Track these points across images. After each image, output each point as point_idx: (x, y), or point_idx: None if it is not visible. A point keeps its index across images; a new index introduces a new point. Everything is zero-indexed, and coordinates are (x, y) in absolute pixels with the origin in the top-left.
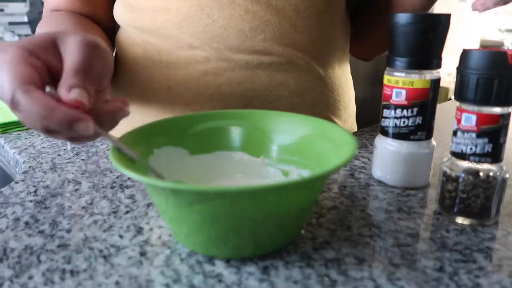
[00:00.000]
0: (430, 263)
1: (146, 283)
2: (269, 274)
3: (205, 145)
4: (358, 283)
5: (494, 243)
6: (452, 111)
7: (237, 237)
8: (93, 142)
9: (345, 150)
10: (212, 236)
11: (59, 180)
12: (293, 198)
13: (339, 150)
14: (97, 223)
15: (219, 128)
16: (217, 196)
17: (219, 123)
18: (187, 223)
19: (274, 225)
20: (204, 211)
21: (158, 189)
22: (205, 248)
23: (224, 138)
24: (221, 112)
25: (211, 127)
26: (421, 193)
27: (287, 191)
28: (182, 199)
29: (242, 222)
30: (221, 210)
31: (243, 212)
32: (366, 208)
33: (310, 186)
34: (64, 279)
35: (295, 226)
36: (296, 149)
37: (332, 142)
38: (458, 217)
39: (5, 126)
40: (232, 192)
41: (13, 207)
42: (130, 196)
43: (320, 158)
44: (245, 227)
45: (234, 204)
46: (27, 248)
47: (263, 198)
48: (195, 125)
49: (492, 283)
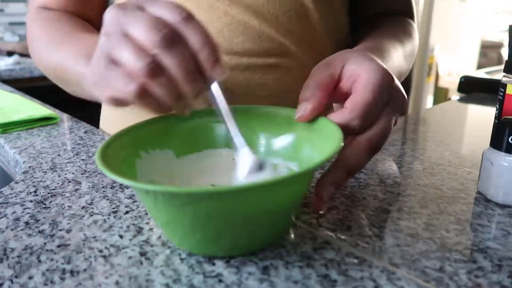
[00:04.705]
0: (430, 263)
1: (146, 283)
2: (269, 274)
3: (192, 144)
4: (358, 283)
5: (494, 243)
6: (452, 111)
7: (231, 234)
8: (93, 142)
9: (332, 142)
10: (206, 235)
11: (59, 180)
12: (283, 193)
13: (326, 142)
14: (97, 223)
15: (204, 126)
16: (208, 197)
17: (203, 121)
18: (180, 225)
19: (266, 219)
20: (196, 212)
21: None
22: (200, 248)
23: (210, 135)
24: (205, 109)
25: (196, 125)
26: (421, 193)
27: (278, 187)
28: (173, 201)
29: (234, 219)
30: (213, 210)
31: (235, 210)
32: (366, 208)
33: (299, 180)
34: (64, 279)
35: (286, 218)
36: (283, 143)
37: (318, 134)
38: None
39: (5, 126)
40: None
41: (13, 207)
42: (130, 196)
43: (307, 150)
44: (237, 224)
45: (226, 203)
46: (27, 248)
47: (253, 196)
48: (179, 124)
49: (492, 283)
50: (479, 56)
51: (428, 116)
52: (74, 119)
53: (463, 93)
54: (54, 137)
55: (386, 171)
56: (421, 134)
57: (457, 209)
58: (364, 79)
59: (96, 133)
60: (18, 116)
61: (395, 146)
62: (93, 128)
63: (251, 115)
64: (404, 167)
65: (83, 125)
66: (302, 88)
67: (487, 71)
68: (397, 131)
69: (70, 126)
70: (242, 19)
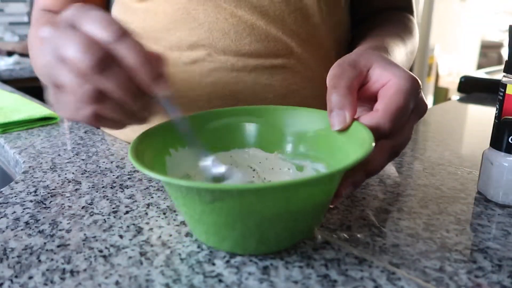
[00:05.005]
0: (430, 263)
1: (146, 283)
2: (269, 274)
3: (220, 143)
4: (358, 283)
5: (494, 243)
6: (452, 111)
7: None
8: (93, 142)
9: (361, 143)
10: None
11: (59, 180)
12: (312, 193)
13: (353, 144)
14: (97, 223)
15: (233, 125)
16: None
17: (232, 120)
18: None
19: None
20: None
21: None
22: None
23: (238, 135)
24: (233, 109)
25: (225, 125)
26: (421, 193)
27: (306, 187)
28: (204, 197)
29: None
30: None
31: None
32: (366, 208)
33: (327, 181)
34: (64, 279)
35: (311, 221)
36: (310, 143)
37: (348, 135)
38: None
39: (5, 126)
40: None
41: (13, 207)
42: (130, 196)
43: (335, 152)
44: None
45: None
46: (27, 248)
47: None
48: (208, 123)
49: (492, 283)
50: (479, 56)
51: (428, 116)
52: None
53: (463, 93)
54: (54, 137)
55: (386, 171)
56: (421, 134)
57: (457, 209)
58: (395, 85)
59: (96, 133)
60: (18, 116)
61: None
62: (93, 128)
63: (278, 115)
64: (404, 167)
65: (83, 125)
66: (330, 90)
67: (487, 71)
68: None
69: (70, 126)
70: (248, 20)
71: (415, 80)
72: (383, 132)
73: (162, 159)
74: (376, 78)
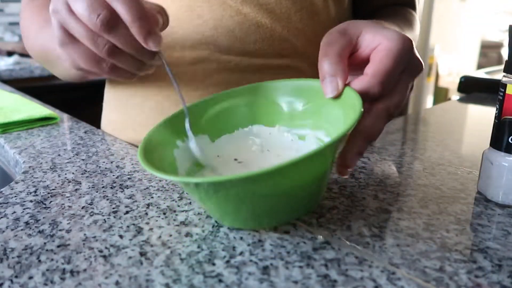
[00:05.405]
0: (430, 263)
1: (146, 283)
2: (269, 274)
3: (223, 126)
4: (358, 283)
5: (494, 243)
6: (452, 111)
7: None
8: (93, 142)
9: (353, 109)
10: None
11: (59, 180)
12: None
13: (346, 109)
14: (97, 223)
15: (230, 107)
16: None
17: (229, 103)
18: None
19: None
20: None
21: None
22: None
23: (238, 115)
24: (226, 92)
25: (223, 109)
26: (421, 193)
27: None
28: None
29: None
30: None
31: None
32: (366, 208)
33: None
34: (64, 279)
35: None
36: (306, 113)
37: (339, 102)
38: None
39: (5, 126)
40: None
41: (13, 207)
42: (130, 196)
43: (331, 119)
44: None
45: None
46: (27, 248)
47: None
48: (208, 110)
49: (492, 283)
50: (479, 56)
51: (428, 116)
52: (74, 119)
53: (463, 93)
54: (54, 137)
55: (386, 171)
56: (421, 134)
57: (457, 209)
58: (385, 46)
59: (96, 133)
60: (18, 116)
61: (395, 146)
62: (93, 128)
63: (271, 88)
64: (404, 167)
65: (83, 125)
66: (321, 58)
67: (487, 71)
68: (397, 131)
69: (70, 126)
70: (254, 17)
71: (406, 40)
72: (373, 95)
73: (171, 154)
74: (367, 44)
